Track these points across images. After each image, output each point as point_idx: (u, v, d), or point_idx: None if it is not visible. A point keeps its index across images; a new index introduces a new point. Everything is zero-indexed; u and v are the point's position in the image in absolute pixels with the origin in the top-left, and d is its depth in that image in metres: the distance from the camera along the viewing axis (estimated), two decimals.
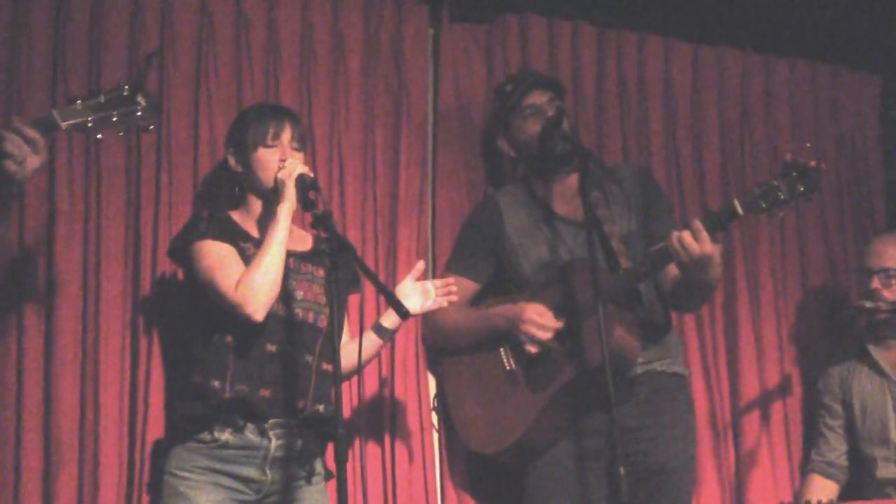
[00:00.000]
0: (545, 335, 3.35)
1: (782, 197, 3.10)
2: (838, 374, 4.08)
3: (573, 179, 3.55)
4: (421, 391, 3.67)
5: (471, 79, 4.00)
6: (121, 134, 2.69)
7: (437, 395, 3.74)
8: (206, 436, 3.03)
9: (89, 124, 2.62)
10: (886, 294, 3.94)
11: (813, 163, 3.09)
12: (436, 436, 3.71)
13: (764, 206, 3.12)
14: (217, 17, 3.60)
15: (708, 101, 4.33)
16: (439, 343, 3.68)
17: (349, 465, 2.78)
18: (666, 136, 4.24)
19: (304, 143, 3.26)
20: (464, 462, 3.67)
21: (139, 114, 2.66)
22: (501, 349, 3.49)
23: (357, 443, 3.52)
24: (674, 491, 3.44)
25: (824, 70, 4.58)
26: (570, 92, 4.05)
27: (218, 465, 3.02)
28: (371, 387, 3.60)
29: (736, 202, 3.16)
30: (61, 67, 3.38)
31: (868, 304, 3.92)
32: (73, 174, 3.35)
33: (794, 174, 3.09)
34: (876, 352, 4.02)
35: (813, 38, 4.50)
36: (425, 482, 3.60)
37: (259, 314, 2.99)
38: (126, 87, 2.65)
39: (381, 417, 3.60)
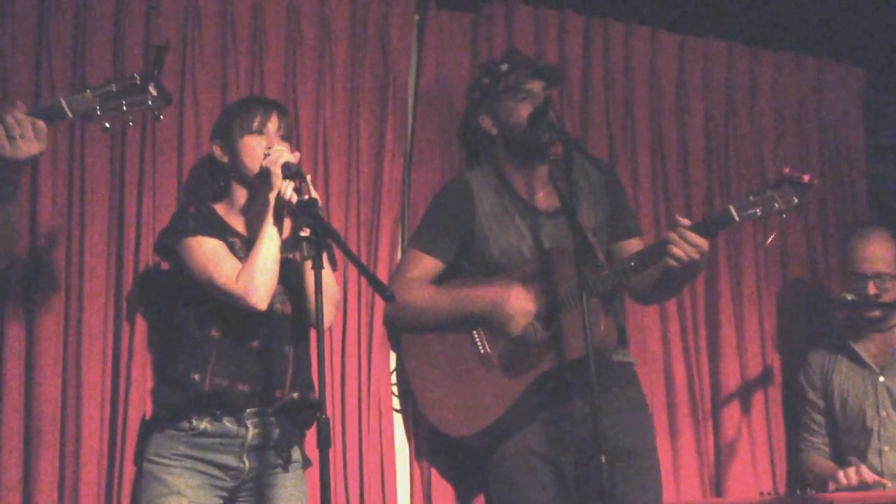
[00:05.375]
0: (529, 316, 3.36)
1: (777, 207, 3.18)
2: (819, 366, 4.11)
3: (546, 168, 3.55)
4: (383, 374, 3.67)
5: (454, 66, 3.99)
6: (130, 123, 2.69)
7: (396, 371, 3.71)
8: (184, 424, 3.06)
9: (98, 112, 2.62)
10: (886, 297, 3.96)
11: (806, 178, 3.17)
12: (396, 417, 3.68)
13: (759, 214, 3.19)
14: (202, 4, 3.58)
15: (693, 91, 4.34)
16: (404, 322, 3.63)
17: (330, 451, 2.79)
18: (651, 127, 4.25)
19: (290, 134, 3.26)
20: (427, 445, 3.67)
21: (149, 103, 2.67)
22: (475, 332, 3.48)
23: (339, 429, 3.52)
24: (645, 472, 3.46)
25: (809, 62, 4.60)
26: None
27: (196, 453, 3.05)
28: (351, 370, 3.61)
29: (732, 208, 3.20)
30: (45, 54, 3.35)
31: (849, 297, 3.95)
32: (57, 164, 3.33)
33: (788, 186, 3.17)
34: (856, 344, 4.06)
35: (798, 30, 4.52)
36: (382, 466, 3.59)
37: (263, 303, 3.02)
38: (137, 76, 2.65)
39: (350, 402, 3.59)
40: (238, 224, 3.22)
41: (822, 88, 4.60)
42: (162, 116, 2.73)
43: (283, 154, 3.08)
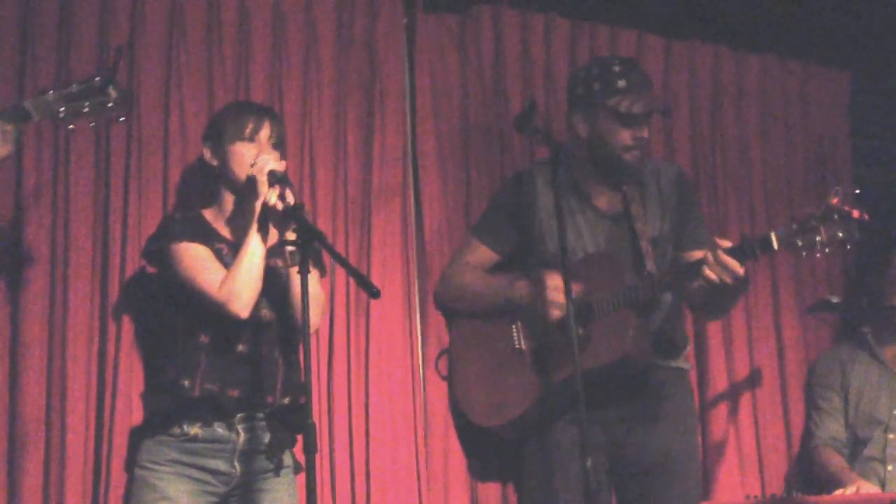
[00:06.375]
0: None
1: (819, 240, 3.03)
2: (838, 358, 4.22)
3: (613, 174, 3.50)
4: (414, 386, 3.69)
5: (445, 69, 4.00)
6: (92, 125, 2.70)
7: (447, 353, 3.71)
8: (175, 430, 3.06)
9: (61, 115, 2.65)
10: None
11: (856, 213, 3.03)
12: (391, 421, 3.68)
13: (800, 244, 3.06)
14: (188, 7, 3.57)
15: (679, 94, 4.35)
16: (451, 303, 3.67)
17: (318, 457, 2.80)
18: None
19: (282, 142, 3.25)
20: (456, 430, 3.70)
21: (110, 105, 2.68)
22: (514, 326, 3.48)
23: (326, 434, 3.51)
24: (677, 481, 3.45)
25: (795, 65, 4.61)
26: (541, 84, 4.08)
27: (187, 458, 3.05)
28: (340, 375, 3.60)
29: (773, 235, 3.10)
30: (30, 58, 3.34)
31: (835, 300, 4.00)
32: (42, 166, 3.32)
33: (836, 217, 3.03)
34: (878, 346, 4.17)
35: (783, 34, 4.53)
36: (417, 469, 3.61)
37: (245, 311, 3.02)
38: (97, 78, 2.66)
39: (338, 406, 3.58)
40: (226, 230, 3.21)
41: (807, 92, 4.62)
42: (122, 119, 2.74)
43: (270, 162, 3.08)
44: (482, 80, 4.03)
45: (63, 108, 2.64)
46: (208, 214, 3.23)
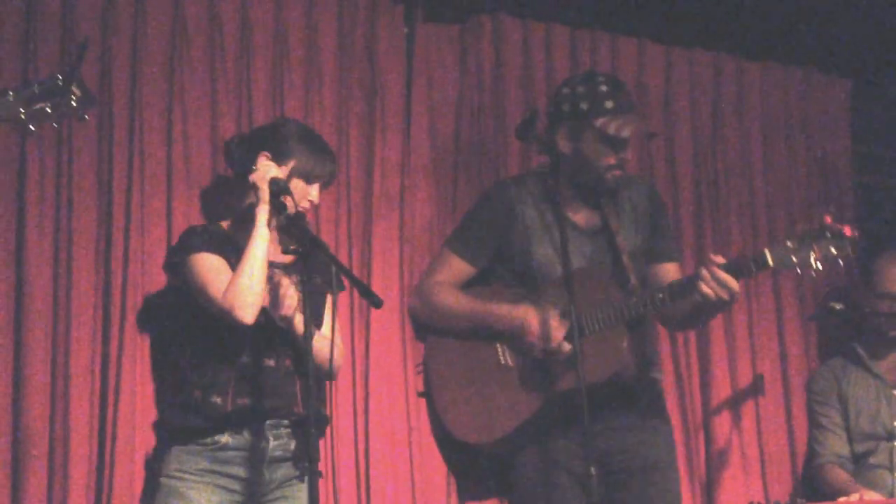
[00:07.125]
0: (553, 345, 3.34)
1: (814, 257, 3.11)
2: (833, 373, 4.20)
3: (590, 192, 3.51)
4: (408, 386, 3.67)
5: (444, 78, 4.00)
6: (55, 125, 2.61)
7: (423, 367, 3.70)
8: (206, 439, 3.07)
9: (23, 116, 2.52)
10: None
11: (848, 231, 3.09)
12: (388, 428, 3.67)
13: (795, 261, 3.13)
14: (190, 16, 3.58)
15: (680, 102, 4.35)
16: (428, 319, 3.64)
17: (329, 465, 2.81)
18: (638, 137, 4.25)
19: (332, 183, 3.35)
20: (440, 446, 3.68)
21: (74, 104, 2.55)
22: (498, 343, 3.48)
23: (333, 439, 3.52)
24: (663, 486, 3.45)
25: (795, 72, 4.61)
26: (543, 93, 4.07)
27: (217, 467, 3.07)
28: (345, 388, 3.60)
29: (768, 253, 3.17)
30: (33, 60, 3.34)
31: (837, 307, 3.99)
32: (44, 165, 3.32)
33: (829, 236, 3.10)
34: (868, 358, 4.17)
35: (784, 41, 4.54)
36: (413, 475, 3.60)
37: (248, 317, 3.02)
38: (59, 76, 2.54)
39: (343, 416, 3.59)
40: (243, 243, 3.19)
41: (809, 99, 4.62)
42: (87, 117, 2.60)
43: (272, 169, 3.09)
44: (482, 89, 4.03)
45: (24, 111, 2.50)
46: (228, 227, 3.25)
